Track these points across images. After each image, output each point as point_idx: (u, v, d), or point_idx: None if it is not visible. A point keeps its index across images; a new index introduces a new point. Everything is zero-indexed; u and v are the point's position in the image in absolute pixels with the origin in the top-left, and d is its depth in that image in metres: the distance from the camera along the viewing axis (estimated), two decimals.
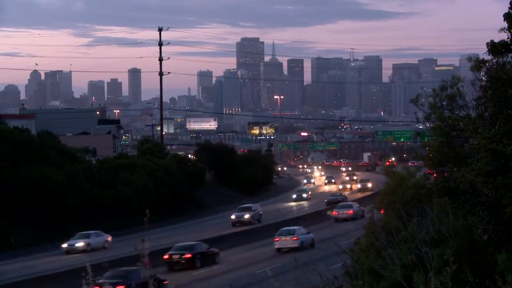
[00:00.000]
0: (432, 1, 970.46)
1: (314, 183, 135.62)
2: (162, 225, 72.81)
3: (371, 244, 20.13)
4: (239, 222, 72.92)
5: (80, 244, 60.10)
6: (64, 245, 60.19)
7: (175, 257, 47.29)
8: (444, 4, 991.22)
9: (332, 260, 22.50)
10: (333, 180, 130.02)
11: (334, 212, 72.88)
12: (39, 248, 64.09)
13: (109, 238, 63.44)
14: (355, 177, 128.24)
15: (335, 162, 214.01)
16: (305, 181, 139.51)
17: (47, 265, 52.64)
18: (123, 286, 35.68)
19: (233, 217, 74.22)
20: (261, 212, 76.76)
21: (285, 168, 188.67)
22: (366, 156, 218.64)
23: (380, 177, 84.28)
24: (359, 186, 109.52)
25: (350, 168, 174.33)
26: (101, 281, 34.62)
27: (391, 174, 35.13)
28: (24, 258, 58.88)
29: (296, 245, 50.76)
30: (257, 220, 74.84)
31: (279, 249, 52.04)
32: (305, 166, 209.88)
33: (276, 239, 52.65)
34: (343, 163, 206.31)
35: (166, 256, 47.03)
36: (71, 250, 59.42)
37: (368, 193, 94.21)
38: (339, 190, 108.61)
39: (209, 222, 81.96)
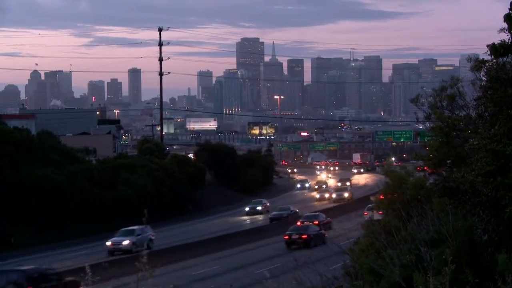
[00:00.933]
0: (433, 1, 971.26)
1: (309, 188, 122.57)
2: (162, 225, 72.83)
3: (371, 244, 20.13)
4: (118, 250, 55.14)
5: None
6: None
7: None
8: (444, 4, 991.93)
9: (332, 260, 22.51)
10: (324, 186, 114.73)
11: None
12: (38, 248, 64.12)
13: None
14: (348, 183, 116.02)
15: (322, 162, 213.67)
16: (299, 185, 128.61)
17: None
18: (306, 236, 53.74)
19: (108, 243, 56.32)
20: (152, 237, 58.56)
21: (295, 170, 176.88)
22: (356, 156, 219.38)
23: (375, 178, 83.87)
24: (334, 196, 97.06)
25: (361, 170, 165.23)
26: (288, 232, 54.57)
27: (390, 174, 35.12)
28: (25, 258, 58.89)
29: None
30: (146, 247, 51.99)
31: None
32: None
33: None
34: (330, 163, 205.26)
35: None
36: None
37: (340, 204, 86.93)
38: (317, 199, 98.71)
39: (209, 222, 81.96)
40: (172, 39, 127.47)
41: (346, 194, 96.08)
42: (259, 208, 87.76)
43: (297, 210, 78.43)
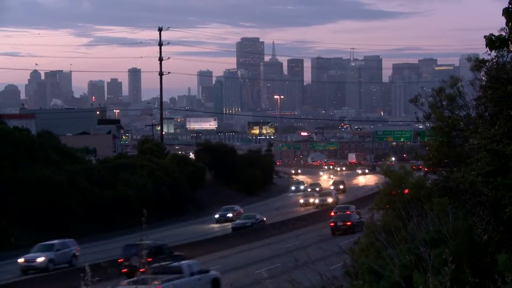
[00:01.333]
0: (433, 1, 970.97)
1: (304, 190, 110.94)
2: (162, 225, 72.77)
3: (371, 244, 20.13)
4: (31, 268, 49.69)
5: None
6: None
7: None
8: (444, 4, 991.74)
9: (332, 260, 22.50)
10: (317, 189, 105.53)
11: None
12: None
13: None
14: (341, 186, 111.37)
15: (317, 162, 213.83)
16: (293, 187, 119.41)
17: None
18: (350, 222, 59.32)
19: (21, 260, 50.73)
20: (76, 252, 53.47)
21: (299, 170, 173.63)
22: (351, 156, 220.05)
23: (377, 179, 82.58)
24: (317, 201, 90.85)
25: (367, 171, 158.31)
26: (333, 220, 60.45)
27: (390, 174, 35.14)
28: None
29: None
30: (68, 264, 51.43)
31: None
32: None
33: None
34: (324, 163, 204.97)
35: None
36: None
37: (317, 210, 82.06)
38: (301, 204, 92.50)
39: (209, 222, 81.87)
40: (172, 39, 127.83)
41: (330, 199, 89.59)
42: (229, 215, 79.76)
43: (264, 219, 71.88)
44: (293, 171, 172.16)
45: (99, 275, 8.77)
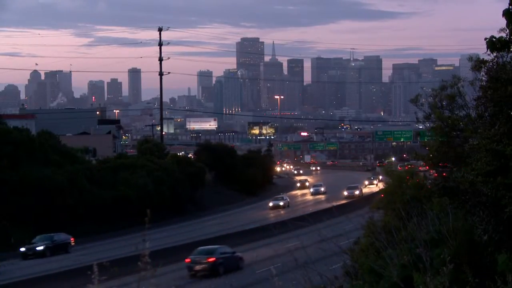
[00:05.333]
0: (433, 1, 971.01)
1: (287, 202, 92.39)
2: (162, 225, 72.77)
3: (371, 244, 20.14)
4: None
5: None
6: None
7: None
8: (444, 4, 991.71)
9: (332, 260, 22.51)
10: (322, 189, 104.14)
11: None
12: None
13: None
14: (307, 183, 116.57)
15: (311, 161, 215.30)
16: (271, 204, 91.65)
17: (50, 265, 52.63)
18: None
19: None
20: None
21: (301, 171, 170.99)
22: (307, 157, 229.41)
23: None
24: (270, 204, 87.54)
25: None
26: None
27: (391, 174, 35.16)
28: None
29: None
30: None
31: None
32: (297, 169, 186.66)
33: None
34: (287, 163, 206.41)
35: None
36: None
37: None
38: (270, 207, 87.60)
39: (209, 222, 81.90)
40: (172, 39, 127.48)
41: (281, 203, 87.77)
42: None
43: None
44: (295, 172, 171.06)
45: (101, 275, 8.75)
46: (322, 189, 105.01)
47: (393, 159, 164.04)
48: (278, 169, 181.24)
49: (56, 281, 44.63)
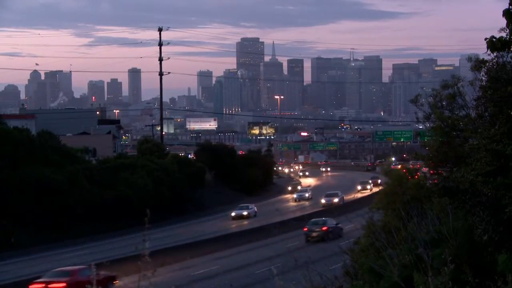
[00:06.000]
0: (433, 1, 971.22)
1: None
2: (162, 225, 72.74)
3: (371, 244, 20.14)
4: None
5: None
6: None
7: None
8: (444, 4, 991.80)
9: (332, 260, 22.51)
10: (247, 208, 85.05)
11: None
12: (38, 248, 64.08)
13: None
14: (299, 187, 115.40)
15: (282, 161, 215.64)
16: (233, 213, 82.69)
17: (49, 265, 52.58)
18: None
19: None
20: None
21: (307, 173, 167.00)
22: (301, 157, 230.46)
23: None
24: (233, 214, 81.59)
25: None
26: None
27: (391, 173, 35.12)
28: (24, 258, 58.85)
29: None
30: None
31: None
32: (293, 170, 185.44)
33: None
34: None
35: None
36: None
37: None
38: (232, 217, 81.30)
39: (208, 222, 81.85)
40: (172, 39, 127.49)
41: (244, 213, 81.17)
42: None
43: None
44: (301, 174, 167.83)
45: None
46: (307, 195, 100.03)
47: (393, 159, 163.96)
48: (286, 170, 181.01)
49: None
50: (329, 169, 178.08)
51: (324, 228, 56.58)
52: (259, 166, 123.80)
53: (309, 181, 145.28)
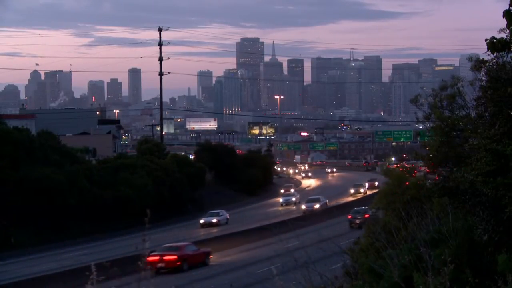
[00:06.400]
0: (433, 1, 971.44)
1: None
2: (162, 225, 72.73)
3: (371, 244, 20.14)
4: None
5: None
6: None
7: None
8: (444, 4, 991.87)
9: (332, 260, 22.49)
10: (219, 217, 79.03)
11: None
12: (38, 248, 64.08)
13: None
14: (292, 190, 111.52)
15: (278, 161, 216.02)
16: (201, 221, 77.46)
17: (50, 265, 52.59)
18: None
19: None
20: None
21: (310, 174, 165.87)
22: (297, 157, 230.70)
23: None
24: (201, 221, 76.85)
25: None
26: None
27: (390, 173, 35.12)
28: (24, 258, 58.87)
29: None
30: None
31: None
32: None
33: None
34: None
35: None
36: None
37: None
38: (201, 225, 76.31)
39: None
40: (172, 39, 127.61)
41: (213, 220, 76.58)
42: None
43: None
44: (303, 174, 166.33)
45: (101, 275, 8.73)
46: (294, 199, 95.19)
47: (393, 159, 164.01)
48: (290, 171, 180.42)
49: (56, 281, 44.61)
50: (334, 169, 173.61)
51: (366, 216, 58.62)
52: (259, 166, 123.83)
53: (309, 182, 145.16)
